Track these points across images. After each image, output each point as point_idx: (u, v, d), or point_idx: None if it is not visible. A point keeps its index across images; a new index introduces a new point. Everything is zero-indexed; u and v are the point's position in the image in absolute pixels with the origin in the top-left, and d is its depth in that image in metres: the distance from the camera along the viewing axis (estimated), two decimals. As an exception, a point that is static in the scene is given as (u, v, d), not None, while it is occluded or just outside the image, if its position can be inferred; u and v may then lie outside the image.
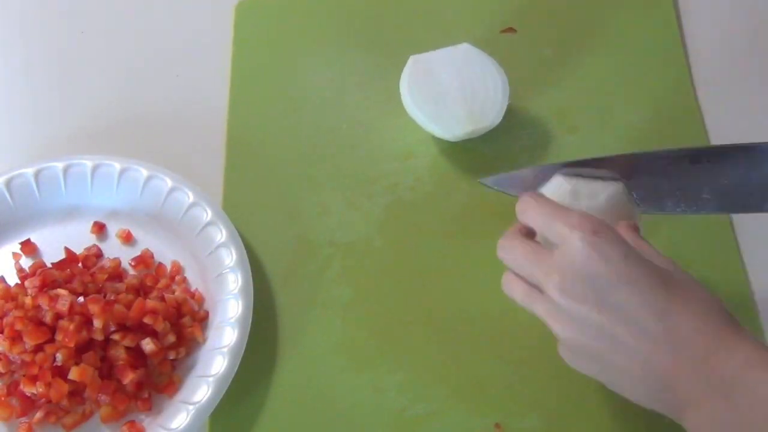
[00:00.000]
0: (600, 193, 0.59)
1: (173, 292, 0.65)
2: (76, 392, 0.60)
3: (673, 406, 0.50)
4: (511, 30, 0.79)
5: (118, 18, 0.84)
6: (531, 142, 0.73)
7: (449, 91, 0.70)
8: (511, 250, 0.55)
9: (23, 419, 0.60)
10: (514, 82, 0.71)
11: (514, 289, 0.56)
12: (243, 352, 0.61)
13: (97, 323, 0.60)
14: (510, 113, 0.71)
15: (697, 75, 0.76)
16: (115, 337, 0.61)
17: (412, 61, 0.72)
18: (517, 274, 0.55)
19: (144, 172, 0.69)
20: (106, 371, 0.61)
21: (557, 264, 0.51)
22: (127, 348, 0.61)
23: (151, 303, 0.62)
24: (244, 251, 0.66)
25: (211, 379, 0.60)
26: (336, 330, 0.65)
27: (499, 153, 0.72)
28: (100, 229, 0.69)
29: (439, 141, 0.72)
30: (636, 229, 0.57)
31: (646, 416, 0.54)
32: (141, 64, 0.81)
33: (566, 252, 0.51)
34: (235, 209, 0.70)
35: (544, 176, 0.61)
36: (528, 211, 0.55)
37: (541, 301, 0.53)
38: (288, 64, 0.80)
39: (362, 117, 0.75)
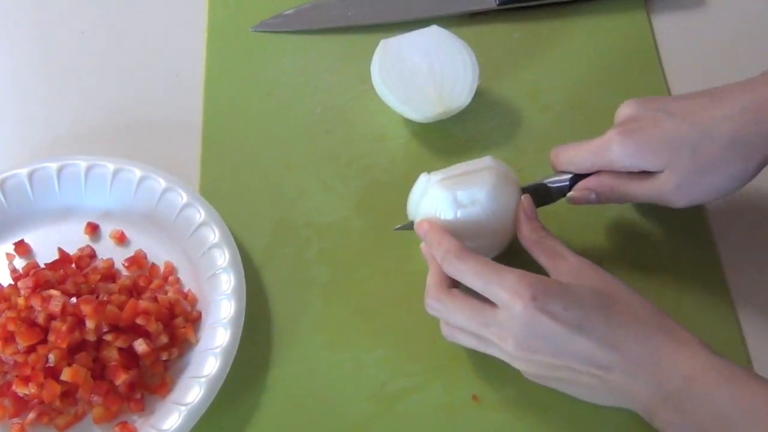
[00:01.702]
0: (478, 194, 0.61)
1: (166, 293, 0.65)
2: (69, 393, 0.61)
3: (637, 411, 0.56)
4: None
5: (108, 19, 0.84)
6: (502, 122, 0.75)
7: (419, 73, 0.71)
8: (447, 310, 0.59)
9: (16, 420, 0.60)
10: (484, 64, 0.73)
11: (462, 340, 0.60)
12: (235, 353, 0.62)
13: (90, 324, 0.60)
14: (481, 94, 0.73)
15: (666, 59, 0.78)
16: (108, 337, 0.61)
17: (382, 45, 0.73)
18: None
19: (137, 173, 0.69)
20: (99, 372, 0.61)
21: (507, 327, 0.56)
22: (120, 349, 0.61)
23: (143, 304, 0.62)
24: (237, 252, 0.66)
25: (203, 379, 0.60)
26: (315, 309, 0.66)
27: (471, 133, 0.74)
28: (93, 229, 0.69)
29: (411, 123, 0.74)
30: (535, 216, 0.62)
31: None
32: (128, 63, 0.81)
33: (513, 316, 0.55)
34: (213, 194, 0.71)
35: None
36: (462, 274, 0.58)
37: (497, 350, 0.58)
38: (262, 50, 0.81)
39: (336, 101, 0.77)
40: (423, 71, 0.71)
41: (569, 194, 0.64)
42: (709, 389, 0.53)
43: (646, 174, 0.62)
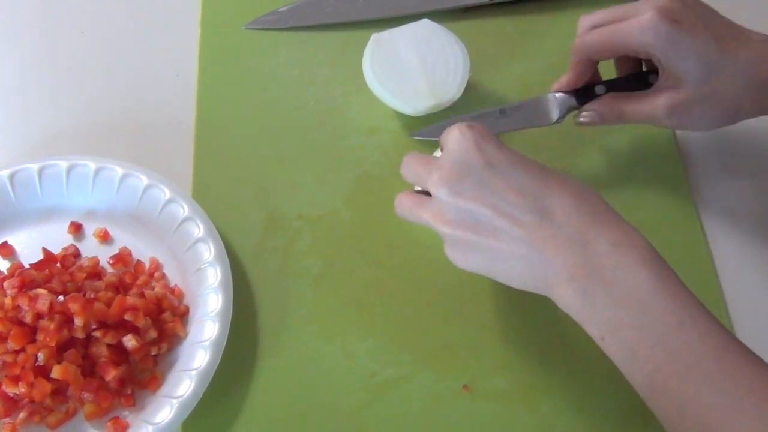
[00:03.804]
0: None
1: (153, 289, 0.66)
2: (59, 391, 0.61)
3: (549, 281, 0.53)
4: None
5: (108, 19, 0.84)
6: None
7: (410, 66, 0.72)
8: (408, 163, 0.60)
9: (7, 420, 0.60)
10: (475, 57, 0.74)
11: (403, 203, 0.60)
12: (225, 345, 0.62)
13: (78, 321, 0.60)
14: (472, 87, 0.74)
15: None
16: (97, 334, 0.61)
17: (374, 39, 0.74)
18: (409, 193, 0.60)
19: (119, 171, 0.69)
20: (89, 369, 0.61)
21: (440, 162, 0.56)
22: (109, 345, 0.61)
23: (131, 300, 0.63)
24: (222, 245, 0.66)
25: (193, 372, 0.60)
26: (306, 300, 0.67)
27: None
28: (76, 229, 0.69)
29: (403, 116, 0.74)
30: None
31: (608, 376, 0.58)
32: (113, 59, 0.81)
33: (447, 148, 0.55)
34: (206, 188, 0.72)
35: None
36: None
37: (427, 205, 0.57)
38: (256, 47, 0.81)
39: (329, 94, 0.77)
40: (414, 65, 0.72)
41: (579, 119, 0.67)
42: (636, 264, 0.51)
43: (643, 94, 0.64)
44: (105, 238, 0.69)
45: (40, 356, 0.59)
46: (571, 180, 0.55)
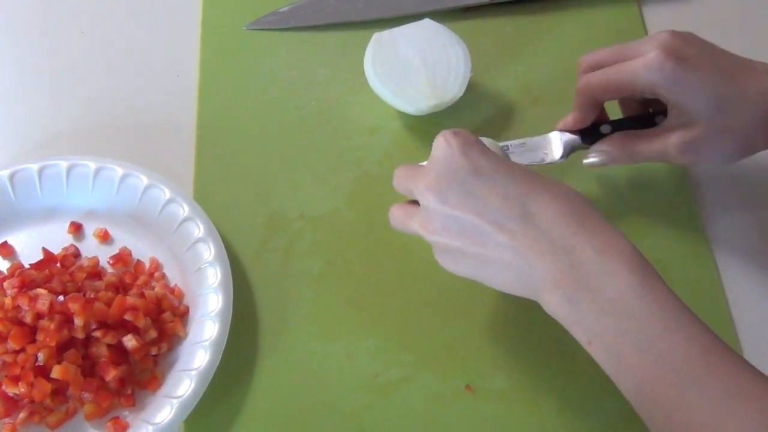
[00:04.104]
0: None
1: (153, 289, 0.66)
2: (59, 391, 0.61)
3: (536, 287, 0.53)
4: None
5: (108, 19, 0.84)
6: (495, 114, 0.75)
7: (412, 66, 0.72)
8: (397, 176, 0.60)
9: (7, 420, 0.60)
10: (476, 57, 0.73)
11: (395, 216, 0.60)
12: (225, 345, 0.62)
13: (78, 321, 0.60)
14: (474, 87, 0.74)
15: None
16: (97, 334, 0.61)
17: (375, 38, 0.74)
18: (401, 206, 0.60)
19: (119, 171, 0.69)
20: (89, 369, 0.61)
21: (426, 168, 0.56)
22: (109, 345, 0.61)
23: (131, 300, 0.63)
24: (222, 245, 0.66)
25: (193, 372, 0.60)
26: (307, 300, 0.67)
27: (463, 126, 0.73)
28: (76, 229, 0.69)
29: (404, 115, 0.74)
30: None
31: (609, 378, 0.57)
32: (113, 59, 0.81)
33: (432, 155, 0.55)
34: (206, 187, 0.72)
35: None
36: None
37: (416, 215, 0.57)
38: (257, 47, 0.81)
39: (330, 94, 0.77)
40: (416, 64, 0.72)
41: (588, 160, 0.66)
42: (621, 270, 0.50)
43: (653, 132, 0.63)
44: (105, 238, 0.69)
45: (40, 356, 0.59)
46: (557, 184, 0.55)
